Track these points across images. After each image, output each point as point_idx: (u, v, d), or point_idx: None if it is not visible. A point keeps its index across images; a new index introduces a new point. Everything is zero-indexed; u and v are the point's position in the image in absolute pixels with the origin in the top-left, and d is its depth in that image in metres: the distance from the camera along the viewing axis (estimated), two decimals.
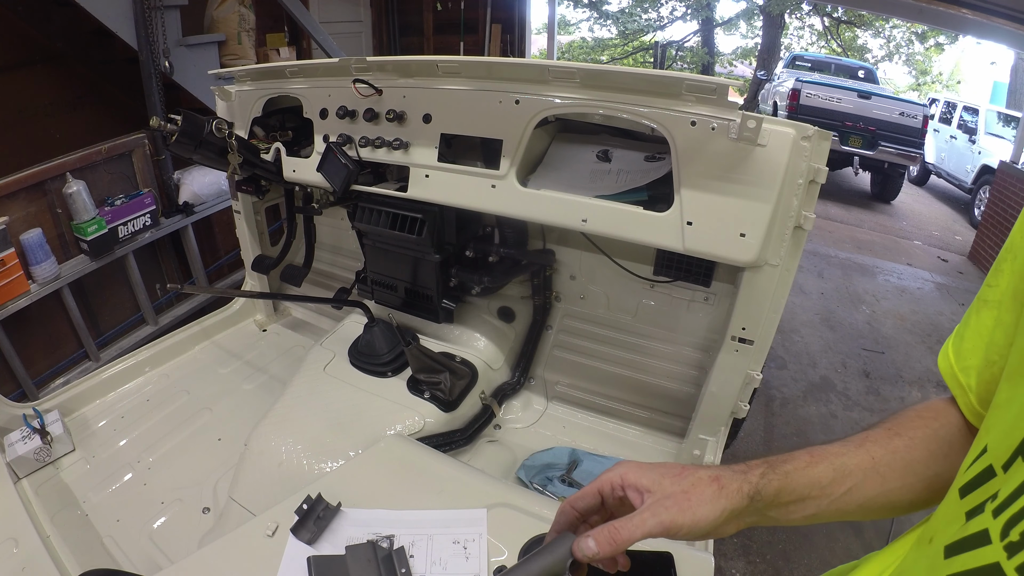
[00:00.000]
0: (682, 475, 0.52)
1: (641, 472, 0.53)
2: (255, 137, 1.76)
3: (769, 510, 0.53)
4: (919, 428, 0.55)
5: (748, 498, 0.51)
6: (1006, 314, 0.49)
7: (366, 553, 0.95)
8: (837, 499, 0.53)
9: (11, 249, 2.23)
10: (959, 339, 0.55)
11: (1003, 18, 3.77)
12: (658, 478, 0.52)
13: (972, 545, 0.38)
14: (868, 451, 0.54)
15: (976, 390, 0.52)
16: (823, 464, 0.53)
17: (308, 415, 1.41)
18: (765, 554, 2.09)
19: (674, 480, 0.51)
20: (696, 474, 0.52)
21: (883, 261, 5.24)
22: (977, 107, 7.58)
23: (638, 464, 0.54)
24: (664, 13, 14.28)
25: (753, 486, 0.51)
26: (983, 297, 0.53)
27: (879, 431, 0.56)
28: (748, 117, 1.03)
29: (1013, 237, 0.50)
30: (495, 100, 1.30)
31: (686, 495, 0.50)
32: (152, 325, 3.01)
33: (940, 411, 0.56)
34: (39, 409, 1.49)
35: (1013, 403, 0.42)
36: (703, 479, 0.51)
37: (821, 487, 0.52)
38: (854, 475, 0.53)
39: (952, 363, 0.55)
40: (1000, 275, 0.51)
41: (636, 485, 0.52)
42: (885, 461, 0.54)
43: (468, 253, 1.62)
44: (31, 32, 2.92)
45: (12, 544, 1.14)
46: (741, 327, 1.27)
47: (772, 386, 3.10)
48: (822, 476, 0.53)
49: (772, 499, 0.52)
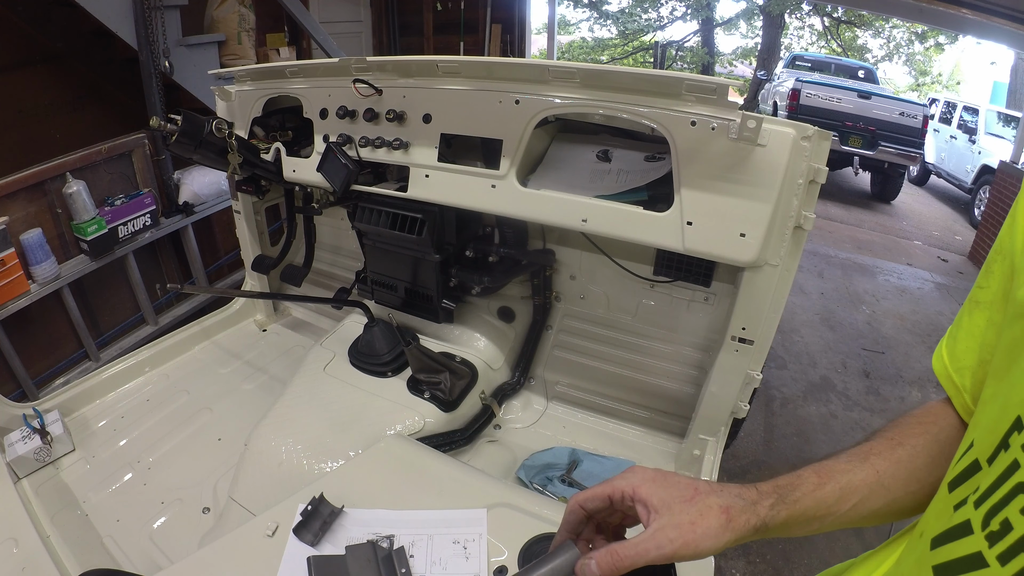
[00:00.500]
0: (693, 500, 0.51)
1: (653, 489, 0.52)
2: (255, 137, 1.76)
3: (773, 533, 0.53)
4: (920, 435, 0.56)
5: (754, 530, 0.51)
6: (997, 314, 0.49)
7: (366, 553, 0.95)
8: (842, 515, 0.53)
9: (11, 249, 2.23)
10: (952, 340, 0.55)
11: (1003, 18, 3.78)
12: (668, 500, 0.51)
13: (956, 535, 0.39)
14: (873, 465, 0.54)
15: (971, 390, 0.52)
16: (830, 484, 0.53)
17: (308, 415, 1.41)
18: (765, 554, 2.09)
19: (684, 506, 0.51)
20: (706, 501, 0.51)
21: (883, 261, 5.24)
22: (977, 107, 7.59)
23: (652, 477, 0.53)
24: (664, 13, 14.29)
25: (761, 519, 0.51)
26: (975, 298, 0.53)
27: (882, 443, 0.57)
28: (748, 117, 1.03)
29: (1002, 238, 0.50)
30: (495, 100, 1.30)
31: (692, 526, 0.49)
32: (152, 325, 3.01)
33: (939, 414, 0.57)
34: (39, 409, 1.49)
35: (997, 398, 0.42)
36: (712, 509, 0.50)
37: (827, 506, 0.53)
38: (859, 491, 0.53)
39: (947, 364, 0.55)
40: (991, 276, 0.51)
41: (646, 502, 0.52)
42: (889, 473, 0.54)
43: (468, 253, 1.62)
44: (31, 32, 2.92)
45: (12, 544, 1.14)
46: (741, 327, 1.27)
47: (772, 386, 3.10)
48: (828, 496, 0.53)
49: (780, 528, 0.52)
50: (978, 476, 0.41)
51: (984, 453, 0.41)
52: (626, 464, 1.54)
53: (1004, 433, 0.38)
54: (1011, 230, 0.48)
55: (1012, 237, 0.48)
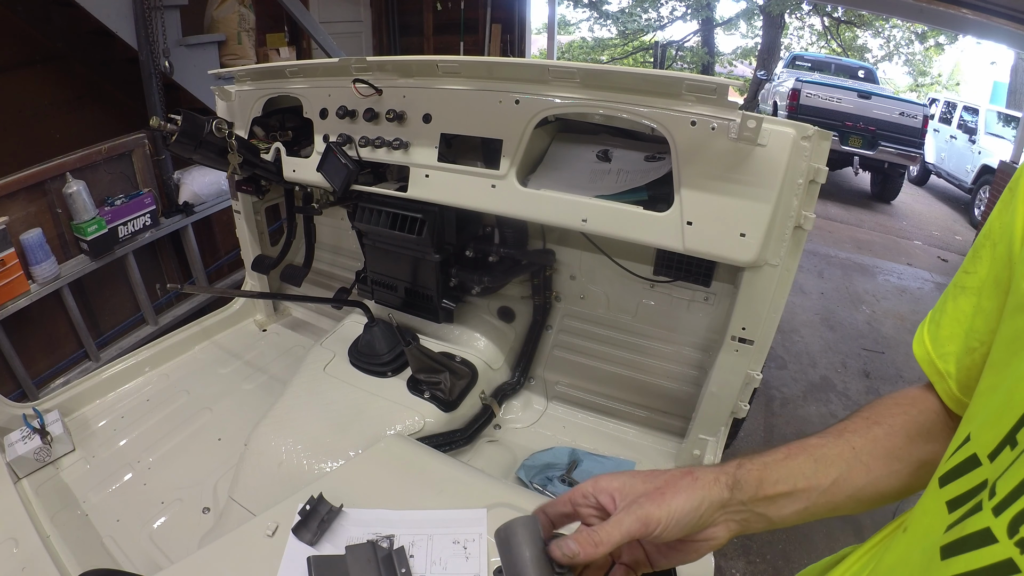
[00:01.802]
0: (653, 475, 0.52)
1: (612, 477, 0.53)
2: (255, 137, 1.76)
3: (757, 505, 0.52)
4: (897, 415, 0.55)
5: (728, 488, 0.50)
6: (986, 301, 0.48)
7: (366, 553, 0.95)
8: (826, 491, 0.52)
9: (11, 249, 2.23)
10: (935, 326, 0.54)
11: (1003, 18, 3.78)
12: (629, 480, 0.52)
13: (974, 545, 0.37)
14: (848, 441, 0.54)
15: (956, 376, 0.51)
16: (803, 455, 0.53)
17: (308, 415, 1.41)
18: (765, 554, 2.09)
19: (645, 480, 0.51)
20: (668, 472, 0.52)
21: (883, 261, 5.24)
22: (977, 107, 7.58)
23: (612, 474, 0.53)
24: (664, 13, 14.28)
25: (730, 476, 0.51)
26: (960, 283, 0.52)
27: (857, 421, 0.56)
28: (748, 117, 1.03)
29: (991, 223, 0.49)
30: (495, 100, 1.30)
31: (660, 491, 0.49)
32: (152, 325, 3.01)
33: (917, 398, 0.56)
34: (39, 409, 1.49)
35: (998, 391, 0.41)
36: (675, 475, 0.51)
37: (806, 477, 0.52)
38: (837, 465, 0.52)
39: (929, 350, 0.54)
40: (978, 261, 0.50)
41: (607, 489, 0.52)
42: (867, 450, 0.53)
43: (468, 253, 1.62)
44: (31, 32, 2.92)
45: (12, 544, 1.14)
46: (741, 327, 1.27)
47: (772, 386, 3.10)
48: (804, 466, 0.52)
49: (756, 489, 0.51)
50: (978, 471, 0.39)
51: (984, 448, 0.39)
52: (626, 464, 1.54)
53: (1010, 428, 0.37)
54: (1008, 217, 0.46)
55: (1011, 224, 0.46)
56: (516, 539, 0.49)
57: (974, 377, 0.48)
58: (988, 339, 0.47)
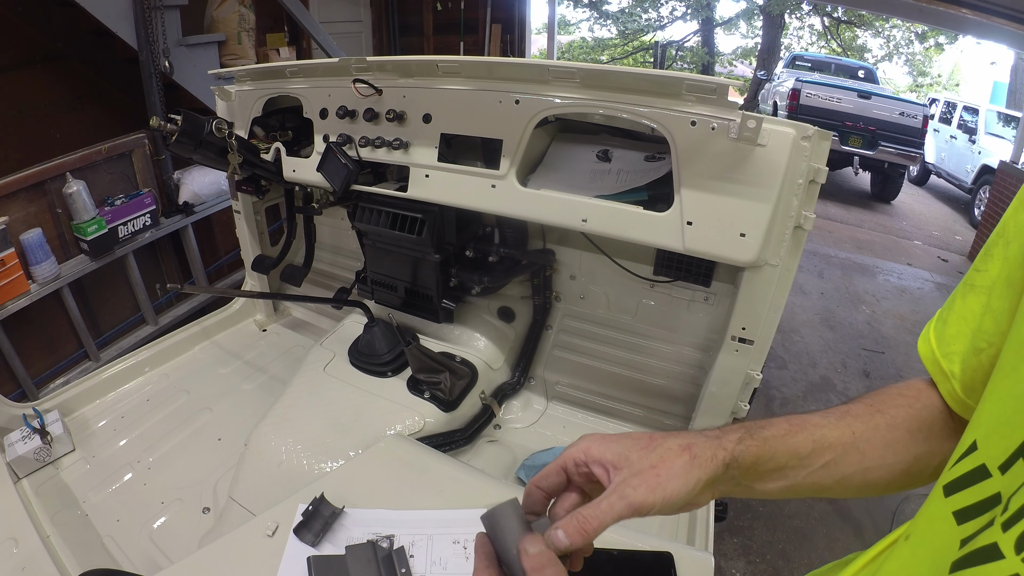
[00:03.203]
0: (649, 446, 0.49)
1: (605, 445, 0.49)
2: (255, 137, 1.76)
3: (745, 478, 0.50)
4: (901, 407, 0.54)
5: (724, 465, 0.48)
6: (997, 300, 0.47)
7: (366, 553, 0.95)
8: (815, 471, 0.51)
9: (11, 249, 2.23)
10: (942, 323, 0.52)
11: (1003, 18, 3.78)
12: (624, 451, 0.48)
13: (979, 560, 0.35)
14: (849, 425, 0.52)
15: (961, 377, 0.50)
16: (803, 434, 0.51)
17: (308, 415, 1.41)
18: (765, 554, 2.09)
19: (641, 453, 0.48)
20: (665, 444, 0.49)
21: (883, 261, 5.24)
22: (977, 107, 7.59)
23: (602, 437, 0.50)
24: (664, 13, 14.29)
25: (729, 453, 0.49)
26: (970, 282, 0.50)
27: (860, 406, 0.55)
28: (748, 117, 1.03)
29: (1006, 222, 0.47)
30: (495, 100, 1.30)
31: (655, 470, 0.47)
32: (152, 325, 3.01)
33: (922, 392, 0.55)
34: (39, 409, 1.49)
35: (1008, 398, 0.39)
36: (673, 449, 0.48)
37: (800, 458, 0.51)
38: (834, 448, 0.51)
39: (934, 348, 0.52)
40: (990, 260, 0.48)
41: (600, 460, 0.49)
42: (865, 437, 0.52)
43: (468, 253, 1.62)
44: (31, 32, 2.92)
45: (12, 544, 1.14)
46: (741, 327, 1.27)
47: (772, 386, 3.11)
48: (801, 446, 0.51)
49: (750, 467, 0.50)
50: (987, 483, 0.37)
51: (994, 459, 0.37)
52: None
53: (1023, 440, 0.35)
54: (1016, 215, 0.45)
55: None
56: (501, 530, 0.48)
57: (979, 379, 0.46)
58: (997, 340, 0.46)
